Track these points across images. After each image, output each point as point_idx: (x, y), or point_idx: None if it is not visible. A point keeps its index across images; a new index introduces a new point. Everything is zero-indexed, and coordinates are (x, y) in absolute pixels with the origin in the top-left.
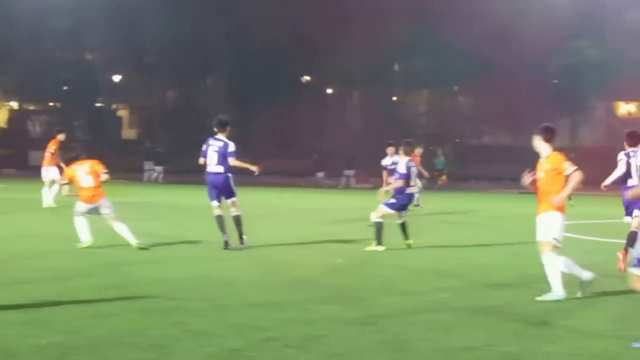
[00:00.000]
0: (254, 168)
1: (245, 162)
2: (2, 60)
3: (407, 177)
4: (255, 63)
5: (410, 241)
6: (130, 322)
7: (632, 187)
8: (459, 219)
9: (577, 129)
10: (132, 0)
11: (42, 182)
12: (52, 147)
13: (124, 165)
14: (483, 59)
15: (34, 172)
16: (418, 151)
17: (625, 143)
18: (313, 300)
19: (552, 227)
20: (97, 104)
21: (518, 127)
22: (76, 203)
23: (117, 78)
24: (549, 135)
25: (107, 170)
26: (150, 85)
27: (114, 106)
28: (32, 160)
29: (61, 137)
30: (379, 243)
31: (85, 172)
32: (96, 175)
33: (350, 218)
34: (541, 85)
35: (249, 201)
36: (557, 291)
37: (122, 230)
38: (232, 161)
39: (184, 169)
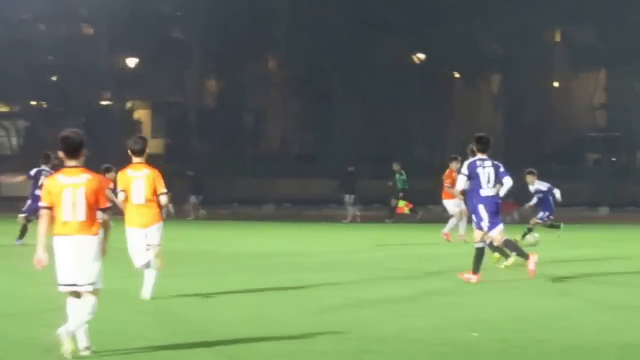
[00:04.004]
0: None
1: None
2: None
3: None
4: (336, 31)
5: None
6: None
7: None
8: None
9: None
10: None
11: None
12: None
13: None
14: None
15: None
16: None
17: None
18: None
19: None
20: (103, 102)
21: None
22: None
23: (131, 63)
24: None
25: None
26: (180, 72)
27: (128, 105)
28: None
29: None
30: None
31: None
32: None
33: None
34: None
35: None
36: None
37: None
38: None
39: (236, 197)
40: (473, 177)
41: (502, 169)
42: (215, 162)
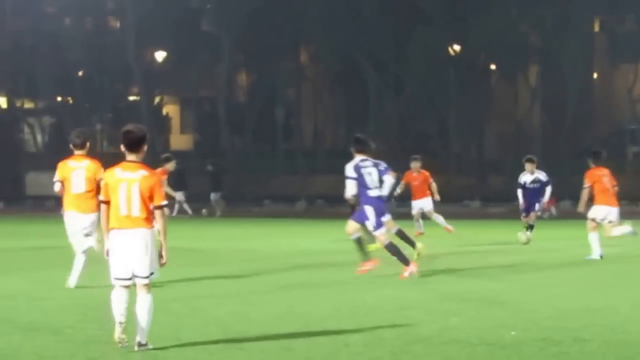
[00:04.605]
0: None
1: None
2: None
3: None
4: (371, 22)
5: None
6: None
7: None
8: None
9: None
10: None
11: None
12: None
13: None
14: None
15: None
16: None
17: None
18: None
19: None
20: (130, 97)
21: None
22: None
23: (159, 56)
24: None
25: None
26: (209, 66)
27: (156, 100)
28: None
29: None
30: None
31: None
32: None
33: None
34: None
35: None
36: None
37: None
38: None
39: (267, 194)
40: (359, 178)
41: (382, 166)
42: (245, 158)
